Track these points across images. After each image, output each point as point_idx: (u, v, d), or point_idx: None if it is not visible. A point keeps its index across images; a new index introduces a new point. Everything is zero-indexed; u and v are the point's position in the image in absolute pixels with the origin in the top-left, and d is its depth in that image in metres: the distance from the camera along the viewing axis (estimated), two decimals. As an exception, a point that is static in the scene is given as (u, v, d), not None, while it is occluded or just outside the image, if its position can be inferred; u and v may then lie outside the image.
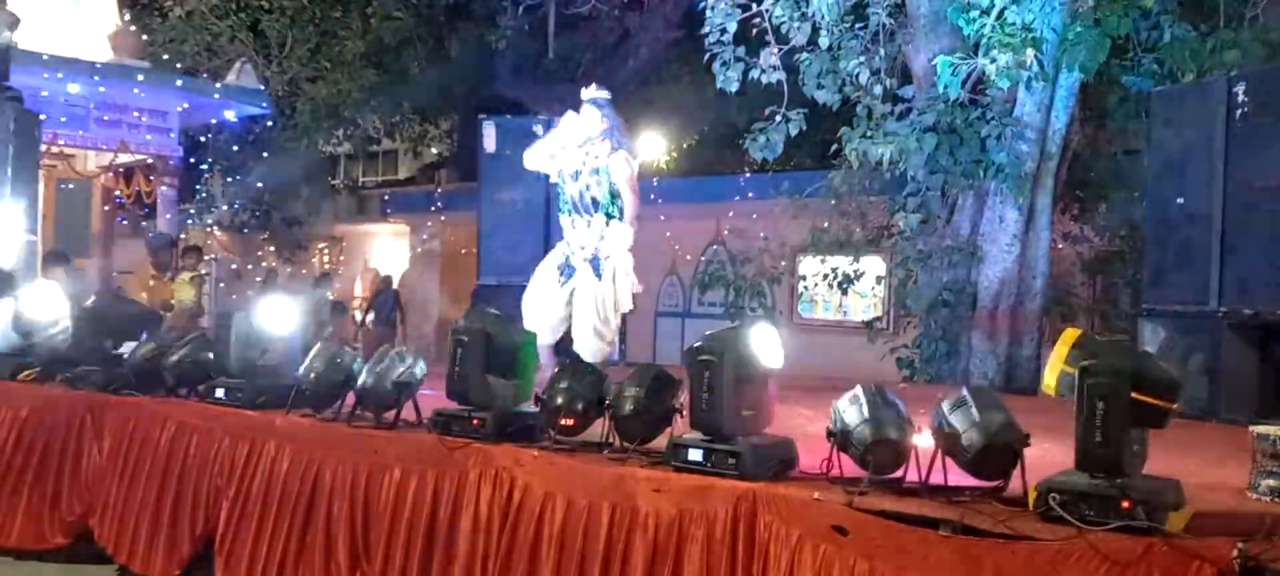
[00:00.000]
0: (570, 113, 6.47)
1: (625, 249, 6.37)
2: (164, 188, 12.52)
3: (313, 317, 5.73)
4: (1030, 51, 7.59)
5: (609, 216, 6.31)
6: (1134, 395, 2.95)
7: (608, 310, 6.27)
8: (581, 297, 6.26)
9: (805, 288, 14.28)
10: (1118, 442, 2.95)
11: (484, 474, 4.18)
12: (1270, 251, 5.89)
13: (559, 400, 4.18)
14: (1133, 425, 3.00)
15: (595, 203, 6.31)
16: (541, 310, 6.34)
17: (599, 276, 6.27)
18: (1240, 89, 6.12)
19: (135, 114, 12.02)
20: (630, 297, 6.40)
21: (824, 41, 9.16)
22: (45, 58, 10.76)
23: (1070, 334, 3.23)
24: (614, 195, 6.32)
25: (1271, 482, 3.41)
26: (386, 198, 21.80)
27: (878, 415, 3.47)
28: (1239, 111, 6.08)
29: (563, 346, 6.48)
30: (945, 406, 3.44)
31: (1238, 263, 6.06)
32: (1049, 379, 3.20)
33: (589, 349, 6.19)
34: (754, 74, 9.38)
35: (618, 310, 6.34)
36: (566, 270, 6.37)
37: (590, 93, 6.40)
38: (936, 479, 3.40)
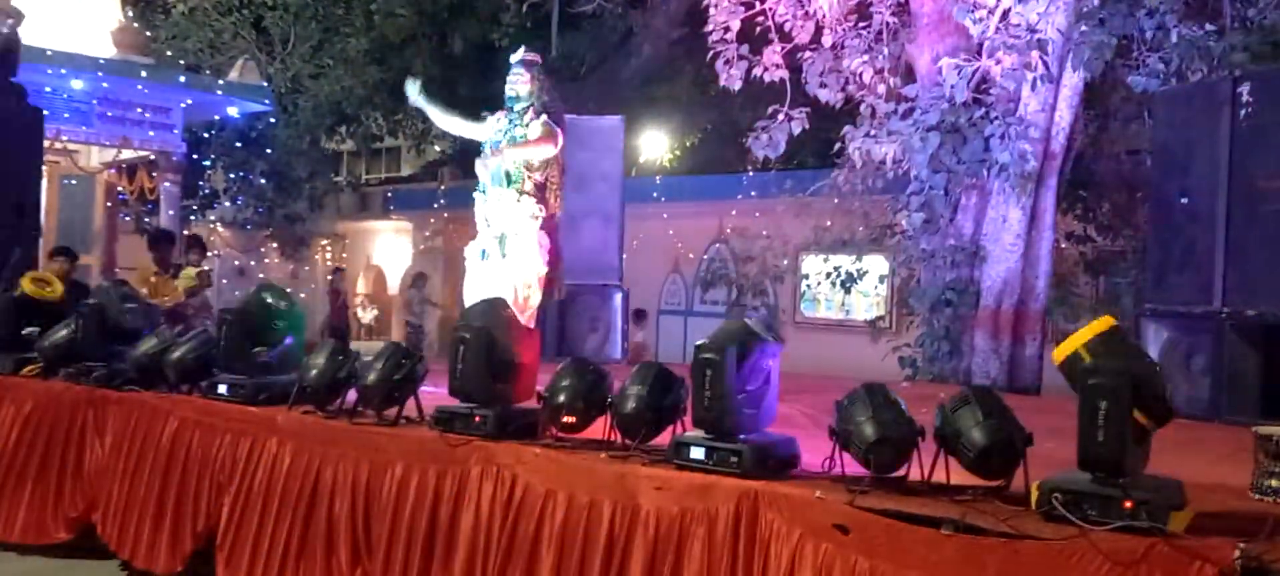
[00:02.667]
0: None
1: (536, 224, 5.96)
2: (167, 184, 12.53)
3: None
4: (1035, 53, 7.58)
5: (520, 193, 5.98)
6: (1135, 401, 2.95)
7: (515, 293, 5.88)
8: (495, 283, 5.90)
9: (808, 286, 14.26)
10: (1119, 443, 2.95)
11: (485, 471, 4.18)
12: (1274, 252, 5.88)
13: (561, 398, 4.18)
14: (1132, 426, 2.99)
15: (508, 176, 6.00)
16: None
17: (505, 255, 5.96)
18: (1245, 89, 6.11)
19: (138, 110, 12.03)
20: (538, 282, 5.95)
21: (827, 40, 9.17)
22: (49, 54, 10.77)
23: (1106, 321, 3.20)
24: (529, 167, 6.00)
25: (1274, 483, 3.41)
26: (389, 194, 21.83)
27: (880, 414, 3.47)
28: (1243, 112, 6.07)
29: None
30: (948, 406, 3.44)
31: (1241, 263, 6.05)
32: (1062, 351, 3.17)
33: None
34: (757, 72, 9.39)
35: (527, 291, 5.92)
36: (484, 254, 6.06)
37: (519, 55, 6.12)
38: (939, 478, 3.40)
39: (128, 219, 14.91)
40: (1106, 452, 2.95)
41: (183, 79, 12.74)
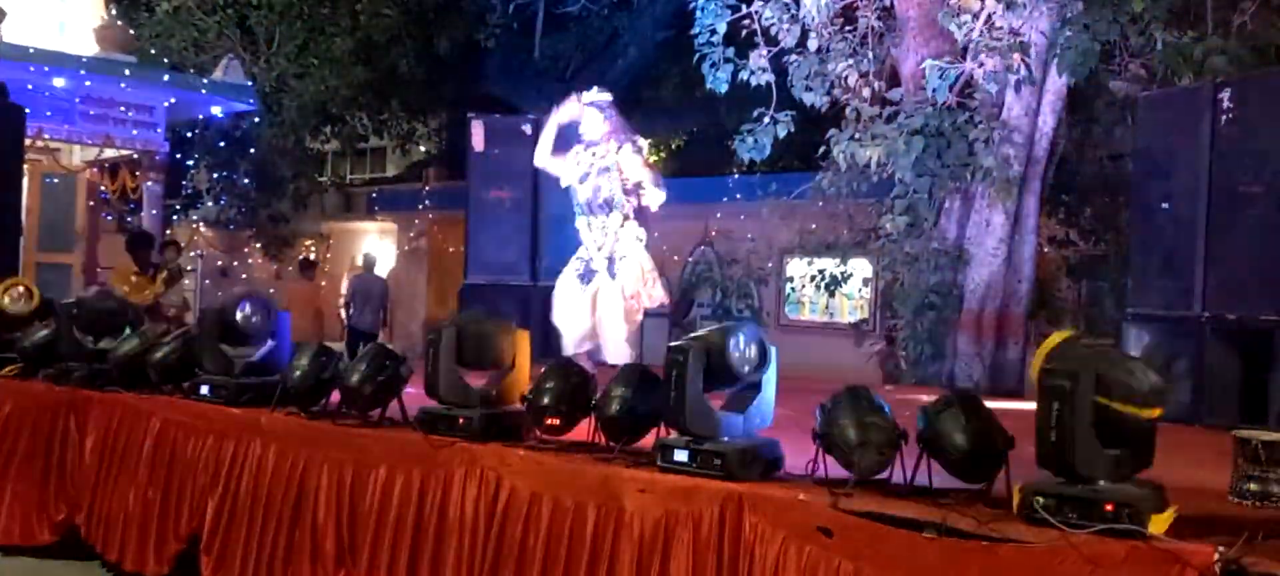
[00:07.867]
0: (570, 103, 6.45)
1: (641, 245, 6.34)
2: (150, 183, 12.47)
3: None
4: (1017, 55, 7.62)
5: (624, 216, 6.30)
6: (1098, 400, 2.96)
7: (631, 310, 6.22)
8: (605, 302, 6.21)
9: (792, 289, 14.30)
10: (1072, 443, 2.97)
11: (469, 473, 4.17)
12: (1254, 256, 5.92)
13: (545, 400, 4.18)
14: (1095, 429, 3.00)
15: (608, 203, 6.27)
16: (569, 319, 6.29)
17: (614, 276, 6.23)
18: (1225, 95, 6.15)
19: (121, 109, 11.96)
20: (654, 293, 6.35)
21: (813, 43, 9.19)
22: (31, 51, 10.72)
23: (1058, 337, 3.23)
24: (627, 191, 6.30)
25: (1253, 487, 3.43)
26: (374, 195, 21.75)
27: (863, 417, 3.47)
28: (1224, 117, 6.11)
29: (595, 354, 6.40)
30: (930, 409, 3.45)
31: (1221, 267, 6.09)
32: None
33: (618, 353, 6.12)
34: (743, 75, 9.41)
35: (640, 308, 6.28)
36: (587, 275, 6.31)
37: (591, 96, 6.37)
38: (921, 481, 3.41)
39: (110, 218, 14.81)
40: (1058, 452, 2.98)
41: (166, 78, 12.69)
